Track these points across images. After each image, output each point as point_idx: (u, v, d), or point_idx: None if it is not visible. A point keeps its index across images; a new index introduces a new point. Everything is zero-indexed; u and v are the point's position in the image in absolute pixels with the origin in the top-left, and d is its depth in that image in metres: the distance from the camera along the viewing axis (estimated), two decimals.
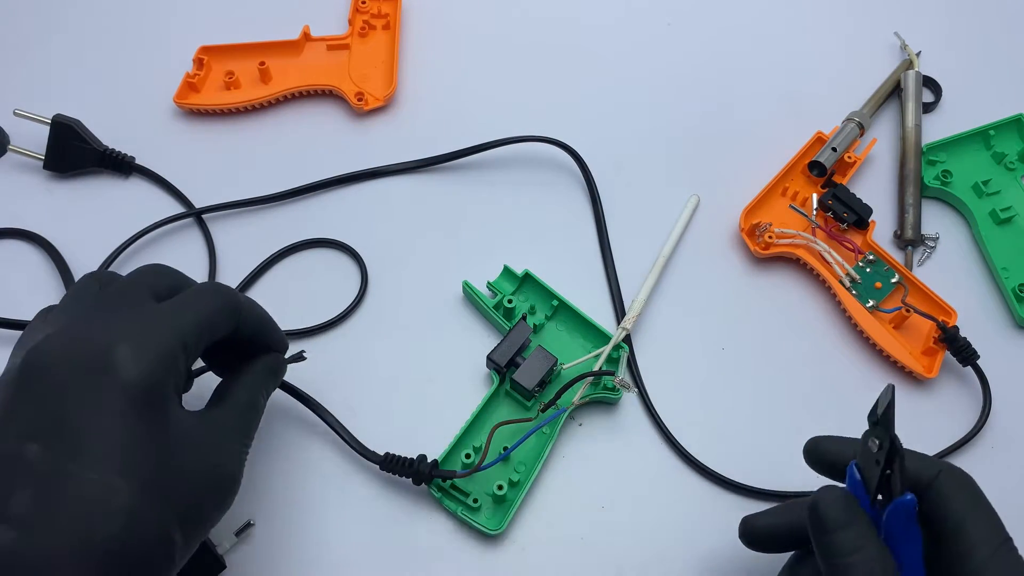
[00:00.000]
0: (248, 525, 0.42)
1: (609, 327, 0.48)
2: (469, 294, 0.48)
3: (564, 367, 0.44)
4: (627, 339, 0.47)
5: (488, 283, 0.48)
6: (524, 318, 0.44)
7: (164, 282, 0.35)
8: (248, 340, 0.38)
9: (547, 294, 0.48)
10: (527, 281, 0.48)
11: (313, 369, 0.42)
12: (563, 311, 0.47)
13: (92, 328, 0.31)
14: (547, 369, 0.43)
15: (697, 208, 0.52)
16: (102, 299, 0.33)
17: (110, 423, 0.28)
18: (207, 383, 0.40)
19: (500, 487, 0.41)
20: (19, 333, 0.46)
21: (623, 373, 0.45)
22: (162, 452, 0.30)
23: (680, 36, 0.60)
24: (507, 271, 0.48)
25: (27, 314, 0.47)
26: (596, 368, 0.44)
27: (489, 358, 0.43)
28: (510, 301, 0.47)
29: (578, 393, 0.44)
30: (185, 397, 0.34)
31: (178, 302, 0.34)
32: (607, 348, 0.45)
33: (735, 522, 0.43)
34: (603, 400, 0.45)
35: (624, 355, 0.46)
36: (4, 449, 0.28)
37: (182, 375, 0.32)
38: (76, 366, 0.29)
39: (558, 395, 0.42)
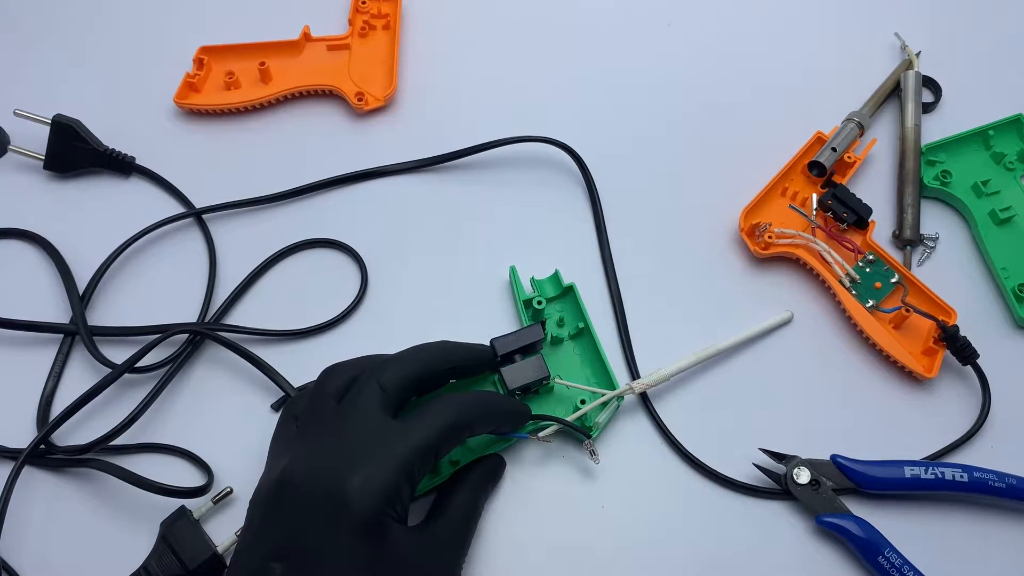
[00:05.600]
0: None
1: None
2: (512, 280, 0.48)
3: (557, 382, 0.44)
4: (644, 395, 0.46)
5: (532, 279, 0.48)
6: (543, 323, 0.44)
7: (391, 377, 0.38)
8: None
9: (580, 314, 0.47)
10: (568, 294, 0.48)
11: (313, 370, 0.42)
12: (586, 337, 0.47)
13: (330, 458, 0.35)
14: (535, 379, 0.43)
15: (787, 323, 0.49)
16: (340, 417, 0.37)
17: (339, 551, 0.33)
18: None
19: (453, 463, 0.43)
20: (18, 333, 0.47)
21: (608, 419, 0.45)
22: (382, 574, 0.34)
23: (680, 36, 0.60)
24: (555, 276, 0.49)
25: (27, 314, 0.48)
26: (581, 408, 0.44)
27: (492, 342, 0.43)
28: (540, 303, 0.46)
29: (545, 431, 0.43)
30: None
31: (410, 425, 0.36)
32: (605, 397, 0.44)
33: (736, 521, 0.43)
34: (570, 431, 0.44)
35: (618, 405, 0.45)
36: (255, 565, 0.34)
37: (405, 503, 0.35)
38: (315, 497, 0.34)
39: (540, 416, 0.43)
